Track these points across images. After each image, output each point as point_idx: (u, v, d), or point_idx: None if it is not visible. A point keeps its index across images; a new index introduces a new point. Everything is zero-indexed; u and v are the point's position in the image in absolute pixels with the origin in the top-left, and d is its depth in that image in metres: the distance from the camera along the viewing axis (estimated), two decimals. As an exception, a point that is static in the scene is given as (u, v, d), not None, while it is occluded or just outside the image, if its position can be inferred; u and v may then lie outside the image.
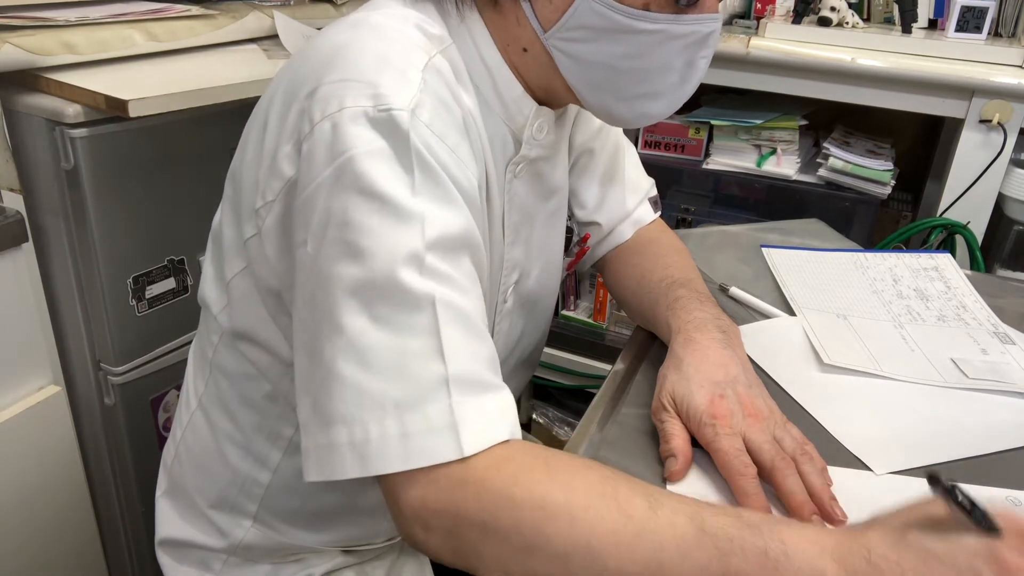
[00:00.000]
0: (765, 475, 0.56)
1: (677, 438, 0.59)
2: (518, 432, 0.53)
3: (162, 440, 1.21)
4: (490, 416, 0.51)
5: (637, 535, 0.46)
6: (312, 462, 0.51)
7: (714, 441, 0.57)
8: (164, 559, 0.80)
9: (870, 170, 1.33)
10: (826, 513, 0.54)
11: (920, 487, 0.58)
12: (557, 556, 0.47)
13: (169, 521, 0.80)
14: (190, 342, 0.82)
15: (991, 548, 0.41)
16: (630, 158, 0.89)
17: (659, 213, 0.91)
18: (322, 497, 0.73)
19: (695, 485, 0.58)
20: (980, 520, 0.42)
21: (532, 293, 0.78)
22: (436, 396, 0.49)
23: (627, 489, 0.48)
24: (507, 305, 0.74)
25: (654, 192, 0.91)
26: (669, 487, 0.57)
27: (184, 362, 0.81)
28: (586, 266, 0.91)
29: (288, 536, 0.75)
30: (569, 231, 0.85)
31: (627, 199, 0.87)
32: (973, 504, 0.42)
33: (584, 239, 0.87)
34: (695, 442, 0.60)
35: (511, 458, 0.50)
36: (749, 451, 0.57)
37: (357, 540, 0.79)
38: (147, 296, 1.12)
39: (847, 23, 1.36)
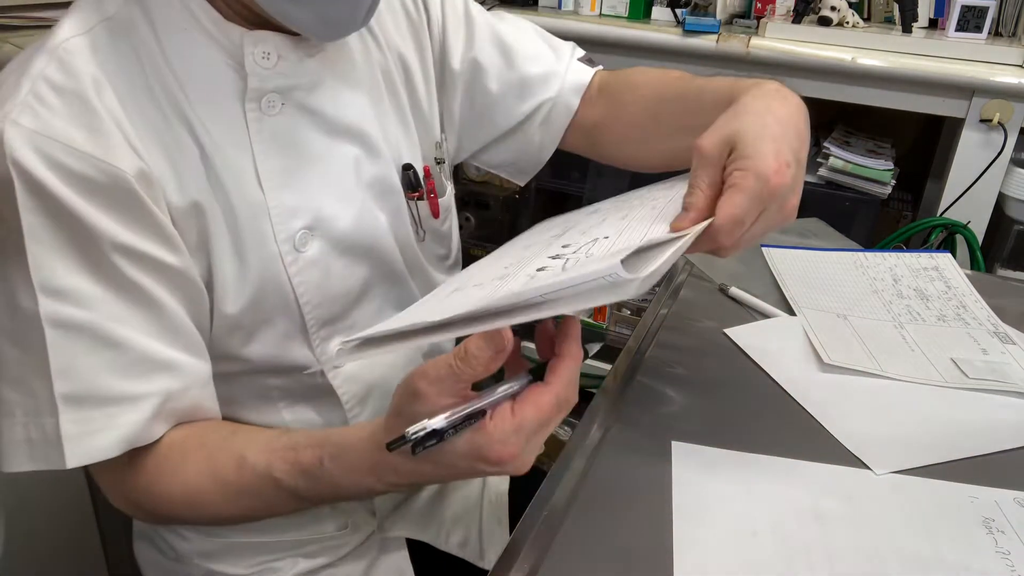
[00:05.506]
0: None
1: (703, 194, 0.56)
2: (142, 437, 0.59)
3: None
4: (96, 432, 0.57)
5: (238, 493, 0.60)
6: None
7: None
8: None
9: (870, 170, 1.33)
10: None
11: (919, 487, 0.58)
12: (203, 523, 0.73)
13: (139, 543, 0.87)
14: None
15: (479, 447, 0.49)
16: (524, 33, 0.82)
17: (600, 67, 0.83)
18: None
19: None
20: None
21: (353, 236, 0.69)
22: (51, 410, 0.56)
23: (223, 457, 0.60)
24: (306, 254, 0.66)
25: (581, 52, 0.84)
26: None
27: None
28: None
29: (229, 537, 0.76)
30: (408, 167, 0.74)
31: (551, 58, 0.81)
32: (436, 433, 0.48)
33: (426, 172, 0.77)
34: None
35: (158, 467, 0.61)
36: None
37: (298, 532, 0.77)
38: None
39: (847, 22, 1.36)
